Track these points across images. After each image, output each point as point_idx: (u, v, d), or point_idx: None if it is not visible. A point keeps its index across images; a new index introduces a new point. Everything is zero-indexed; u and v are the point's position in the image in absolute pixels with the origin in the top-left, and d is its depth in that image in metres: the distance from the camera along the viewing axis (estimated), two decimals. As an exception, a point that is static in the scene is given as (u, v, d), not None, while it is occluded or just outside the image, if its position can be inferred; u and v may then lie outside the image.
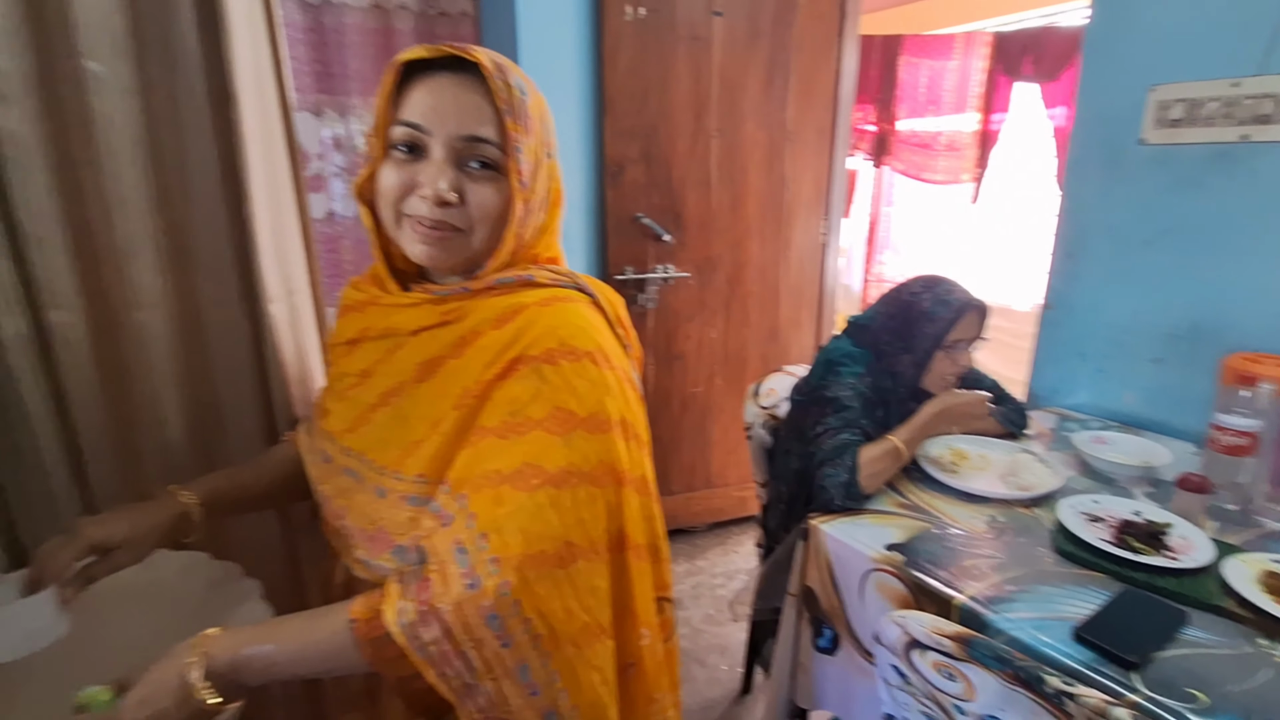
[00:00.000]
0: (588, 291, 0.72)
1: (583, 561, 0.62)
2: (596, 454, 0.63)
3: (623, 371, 0.69)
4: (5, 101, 0.81)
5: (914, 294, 1.33)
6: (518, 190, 0.67)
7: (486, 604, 0.58)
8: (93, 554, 0.71)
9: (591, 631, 0.63)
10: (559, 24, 1.94)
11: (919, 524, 1.17)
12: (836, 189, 2.36)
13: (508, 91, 0.65)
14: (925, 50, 3.56)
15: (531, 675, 0.60)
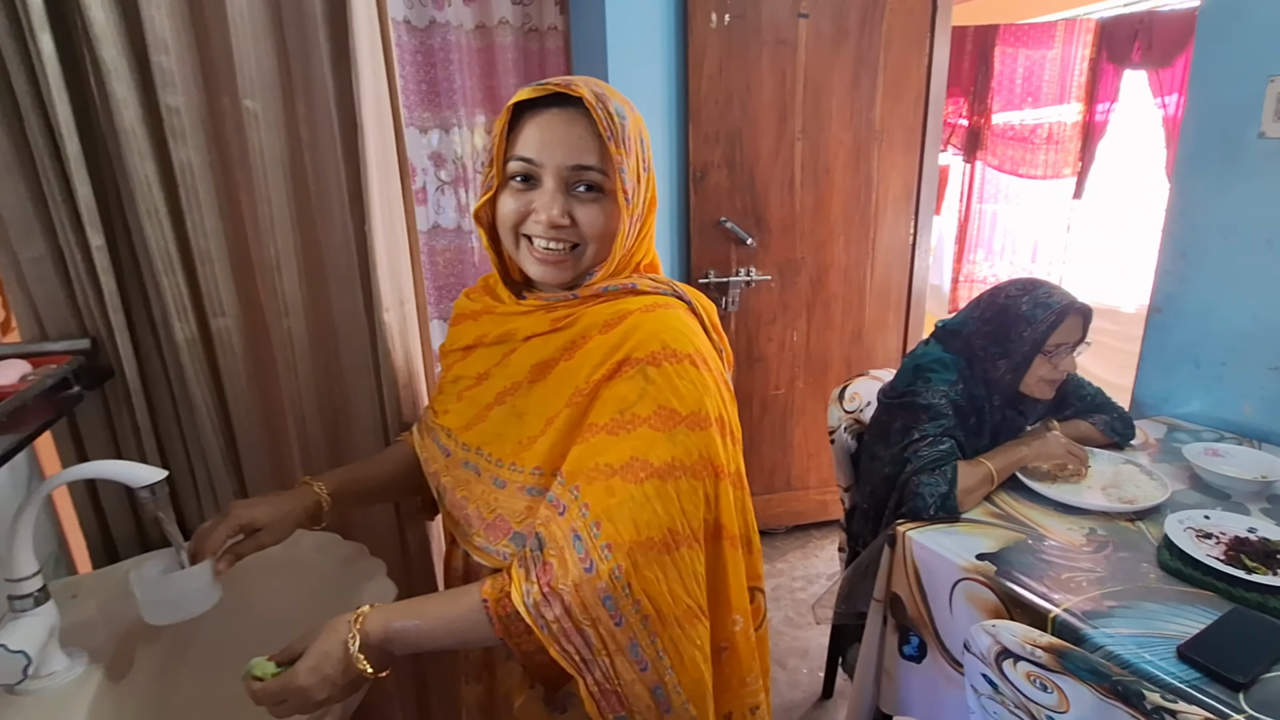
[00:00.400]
0: (684, 298, 0.78)
1: (685, 548, 0.67)
2: (697, 449, 0.69)
3: (718, 373, 0.74)
4: (180, 137, 0.94)
5: (1010, 297, 1.29)
6: (623, 207, 0.74)
7: (601, 585, 0.64)
8: (241, 533, 0.81)
9: (693, 613, 0.68)
10: (645, 34, 1.99)
11: (1012, 534, 1.15)
12: (926, 187, 2.31)
13: (610, 119, 0.71)
14: (1023, 39, 3.40)
15: (641, 652, 0.66)
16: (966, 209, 3.72)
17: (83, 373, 0.92)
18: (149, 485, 0.78)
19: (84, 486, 1.03)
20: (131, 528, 1.05)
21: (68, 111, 0.88)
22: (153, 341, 1.00)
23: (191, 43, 0.94)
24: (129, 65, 0.90)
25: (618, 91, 0.75)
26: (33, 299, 0.94)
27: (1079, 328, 1.28)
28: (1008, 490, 1.29)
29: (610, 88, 0.75)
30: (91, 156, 0.91)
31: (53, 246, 0.92)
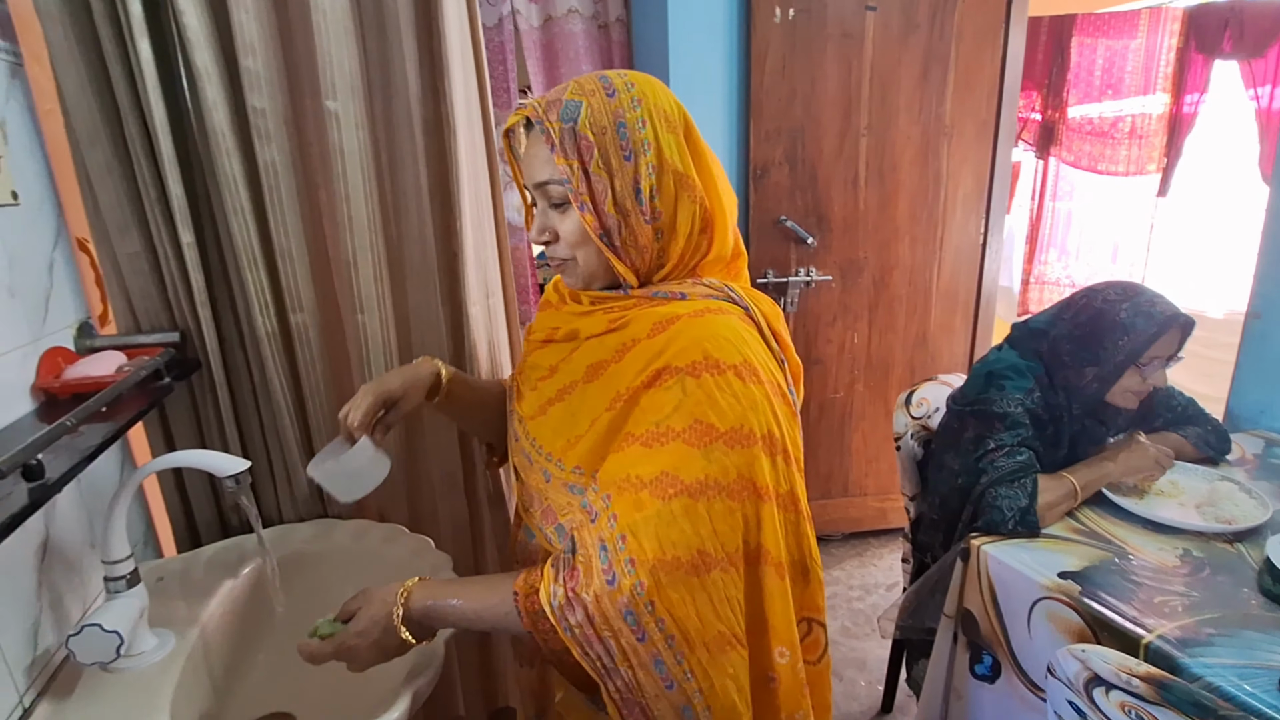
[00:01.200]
0: (740, 303, 0.74)
1: (717, 571, 0.64)
2: (736, 468, 0.65)
3: (772, 385, 0.69)
4: (265, 138, 0.97)
5: (1109, 301, 1.20)
6: (587, 211, 0.70)
7: (623, 600, 0.63)
8: (384, 407, 0.84)
9: (725, 639, 0.65)
10: (707, 30, 1.97)
11: (1097, 552, 1.08)
12: (998, 185, 2.21)
13: (554, 128, 0.69)
14: (1103, 29, 3.22)
15: (666, 670, 0.64)
16: (1039, 207, 3.55)
17: (173, 364, 0.96)
18: (234, 475, 0.81)
19: (171, 474, 1.08)
20: (213, 513, 1.09)
21: (163, 114, 0.91)
22: (236, 335, 1.04)
23: (277, 46, 0.97)
24: (219, 69, 0.94)
25: (599, 79, 0.72)
26: (128, 293, 0.98)
27: (1176, 341, 1.19)
28: (1092, 505, 1.22)
29: (590, 80, 0.72)
30: (183, 157, 0.95)
31: (147, 243, 0.97)
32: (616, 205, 0.70)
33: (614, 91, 0.70)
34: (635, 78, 0.72)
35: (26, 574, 0.79)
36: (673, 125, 0.71)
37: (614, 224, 0.71)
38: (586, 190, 0.70)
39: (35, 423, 0.81)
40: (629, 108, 0.70)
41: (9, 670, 0.74)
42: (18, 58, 0.88)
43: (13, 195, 0.83)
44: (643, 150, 0.69)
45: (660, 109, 0.71)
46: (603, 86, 0.71)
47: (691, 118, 0.74)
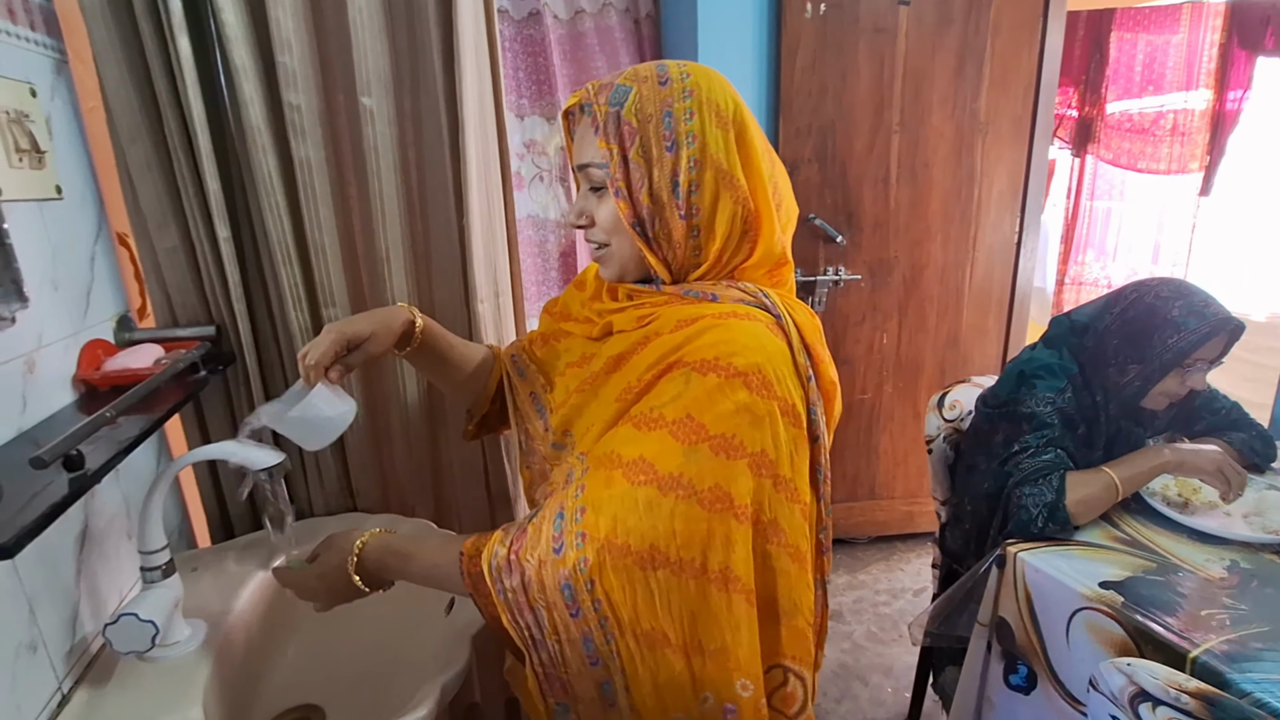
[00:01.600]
0: (773, 311, 0.70)
1: (665, 572, 0.62)
2: (714, 476, 0.62)
3: (784, 404, 0.65)
4: (300, 134, 0.97)
5: (1161, 298, 1.16)
6: (622, 198, 0.69)
7: (564, 572, 0.62)
8: (348, 348, 0.79)
9: (656, 639, 0.63)
10: (737, 25, 1.95)
11: (1139, 562, 1.05)
12: (1034, 183, 2.16)
13: (601, 110, 0.68)
14: (1143, 24, 3.13)
15: (594, 648, 0.63)
16: (1075, 206, 3.46)
17: (208, 358, 0.97)
18: (267, 468, 0.82)
19: (205, 465, 1.09)
20: (246, 505, 1.11)
21: (201, 110, 0.92)
22: (270, 329, 1.05)
23: (313, 42, 0.97)
24: (256, 65, 0.94)
25: (656, 67, 0.70)
26: (166, 287, 1.00)
27: (1223, 345, 1.15)
28: (1135, 514, 1.18)
29: (647, 67, 0.70)
30: (220, 153, 0.96)
31: (184, 238, 0.98)
32: (652, 196, 0.69)
33: (667, 80, 0.69)
34: (693, 69, 0.70)
35: (66, 562, 0.81)
36: (724, 121, 0.69)
37: (648, 214, 0.69)
38: (623, 177, 0.68)
39: (76, 413, 0.82)
40: (679, 98, 0.68)
41: (49, 657, 0.75)
42: (63, 55, 0.89)
43: (57, 190, 0.85)
44: (686, 143, 0.67)
45: (713, 103, 0.68)
46: (657, 74, 0.69)
47: (748, 116, 0.71)
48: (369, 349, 0.81)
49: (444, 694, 0.79)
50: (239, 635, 0.91)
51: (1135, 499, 1.22)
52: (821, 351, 0.72)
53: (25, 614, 0.72)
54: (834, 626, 2.00)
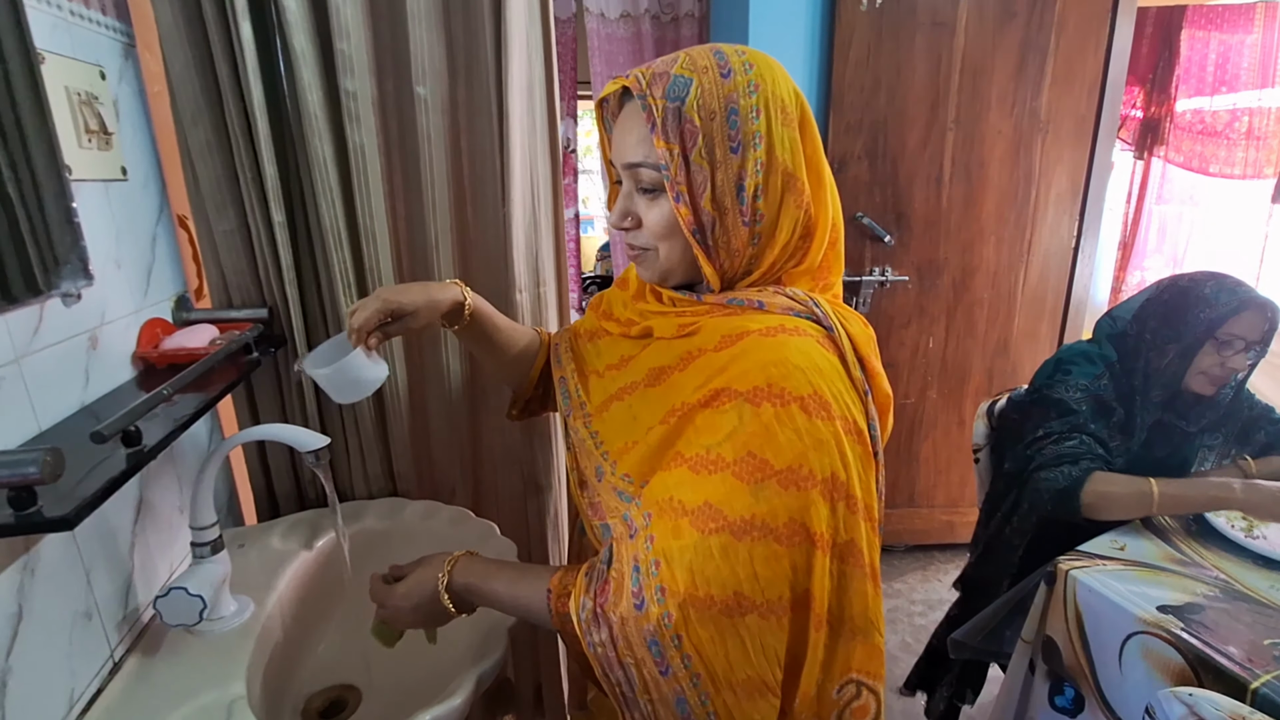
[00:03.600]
0: (824, 323, 0.65)
1: (754, 616, 0.59)
2: (788, 510, 0.59)
3: (846, 422, 0.61)
4: (355, 120, 0.98)
5: (1195, 280, 1.19)
6: (683, 203, 0.64)
7: (649, 628, 0.59)
8: (391, 316, 0.79)
9: (755, 686, 0.61)
10: (789, 19, 1.91)
11: (1200, 586, 1.00)
12: (1095, 185, 2.08)
13: (658, 105, 0.62)
14: (1215, 22, 2.98)
15: (689, 709, 0.60)
16: (1137, 210, 3.32)
17: (261, 339, 0.98)
18: (315, 450, 0.83)
19: (255, 445, 1.11)
20: (292, 485, 1.13)
21: (261, 95, 0.94)
22: (320, 314, 1.06)
23: (370, 30, 0.98)
24: (315, 51, 0.95)
25: (713, 54, 0.64)
26: (223, 269, 1.02)
27: (1260, 327, 1.14)
28: (1195, 535, 1.13)
29: (703, 54, 0.64)
30: (278, 138, 0.98)
31: (241, 221, 1.00)
32: (715, 201, 0.64)
33: (729, 72, 0.63)
34: (754, 58, 0.64)
35: (123, 535, 0.83)
36: (789, 118, 0.64)
37: (709, 220, 0.64)
38: (685, 180, 0.63)
39: (135, 390, 0.84)
40: (744, 93, 0.62)
41: (103, 625, 0.78)
42: (131, 39, 0.91)
43: (122, 171, 0.87)
44: (753, 144, 0.62)
45: (778, 98, 0.63)
46: (717, 64, 0.63)
47: (810, 115, 0.66)
48: (409, 323, 0.81)
49: (479, 684, 0.79)
50: (282, 613, 0.93)
51: (1198, 519, 1.17)
52: (876, 364, 0.67)
53: (83, 583, 0.75)
54: (867, 634, 1.96)
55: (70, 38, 0.78)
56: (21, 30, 0.66)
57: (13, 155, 0.65)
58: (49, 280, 0.69)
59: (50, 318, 0.72)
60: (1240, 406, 1.27)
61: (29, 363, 0.68)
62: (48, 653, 0.69)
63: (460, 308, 0.84)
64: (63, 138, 0.72)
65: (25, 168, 0.66)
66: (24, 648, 0.65)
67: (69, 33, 0.78)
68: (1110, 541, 1.12)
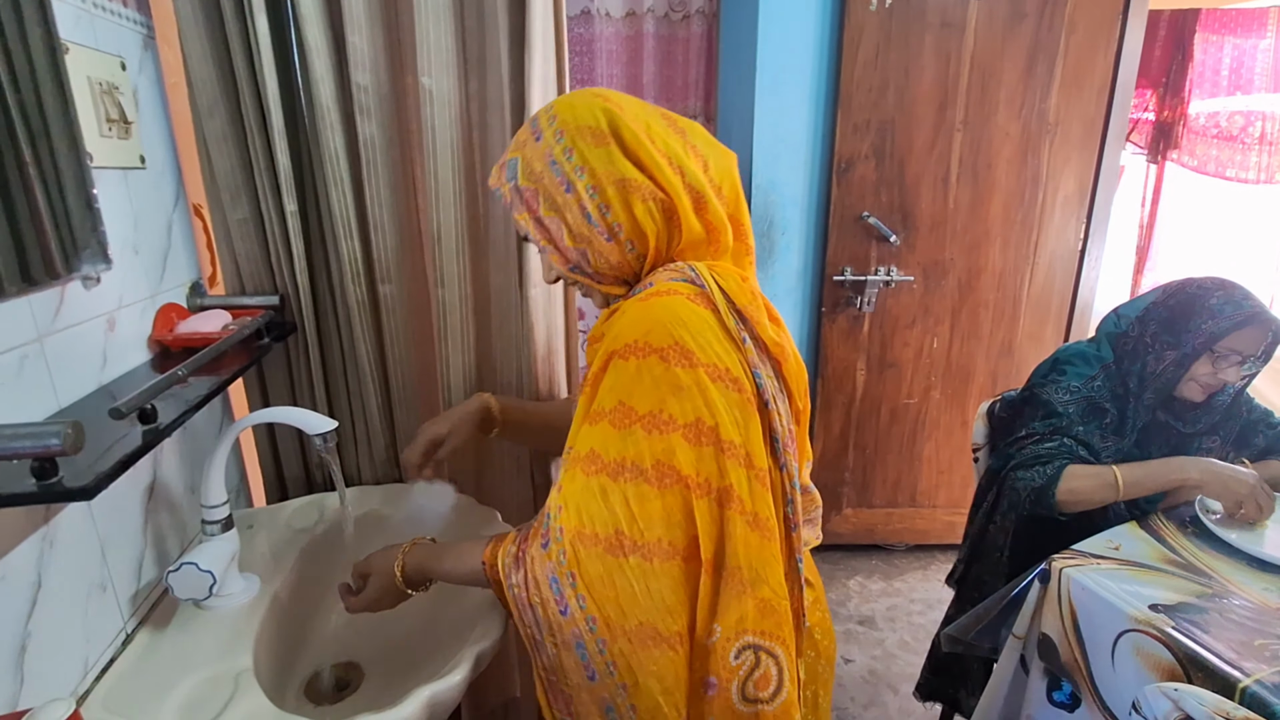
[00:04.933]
0: (698, 282, 0.69)
1: (636, 558, 0.64)
2: (652, 453, 0.64)
3: (713, 369, 0.65)
4: (366, 112, 1.00)
5: (1203, 288, 1.18)
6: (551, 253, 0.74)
7: (550, 565, 0.65)
8: (434, 445, 0.95)
9: (647, 633, 0.64)
10: (799, 16, 1.92)
11: (1192, 586, 1.01)
12: (1103, 189, 2.07)
13: (505, 190, 0.74)
14: (1229, 26, 2.97)
15: (588, 656, 0.64)
16: (1151, 215, 3.30)
17: (271, 326, 1.01)
18: (323, 433, 0.85)
19: (264, 429, 1.14)
20: (300, 469, 1.15)
21: (275, 87, 0.96)
22: (329, 302, 1.09)
23: (380, 22, 1.00)
24: (328, 44, 0.97)
25: (530, 125, 0.75)
26: (236, 256, 1.04)
27: (1260, 343, 1.14)
28: (1190, 535, 1.13)
29: (524, 130, 0.76)
30: (291, 129, 1.00)
31: (255, 210, 1.02)
32: (574, 237, 0.72)
33: (540, 134, 0.72)
34: (558, 107, 0.73)
35: (136, 511, 0.86)
36: (600, 137, 0.70)
37: (577, 255, 0.73)
38: (544, 235, 0.73)
39: (150, 371, 0.87)
40: (554, 142, 0.71)
41: (116, 597, 0.80)
42: (150, 31, 0.94)
43: (140, 160, 0.90)
44: (577, 176, 0.70)
45: (583, 127, 0.70)
46: (531, 133, 0.74)
47: (624, 115, 0.70)
48: (450, 443, 0.95)
49: (478, 662, 0.81)
50: (288, 592, 0.95)
51: (1193, 521, 1.17)
52: (756, 314, 0.70)
53: (98, 556, 0.78)
54: (866, 633, 1.98)
55: (93, 29, 0.81)
56: (47, 22, 0.69)
57: (37, 142, 0.67)
58: (70, 263, 0.72)
59: (71, 300, 0.74)
60: (1239, 410, 1.28)
61: (50, 342, 0.71)
62: (64, 622, 0.71)
63: (490, 414, 0.99)
64: (85, 126, 0.75)
65: (49, 154, 0.69)
66: (42, 616, 0.67)
67: (92, 24, 0.81)
68: (1105, 541, 1.13)
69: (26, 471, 0.58)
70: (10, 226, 0.64)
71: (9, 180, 0.64)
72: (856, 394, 2.19)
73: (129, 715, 0.71)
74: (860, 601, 2.11)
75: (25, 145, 0.65)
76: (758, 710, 0.66)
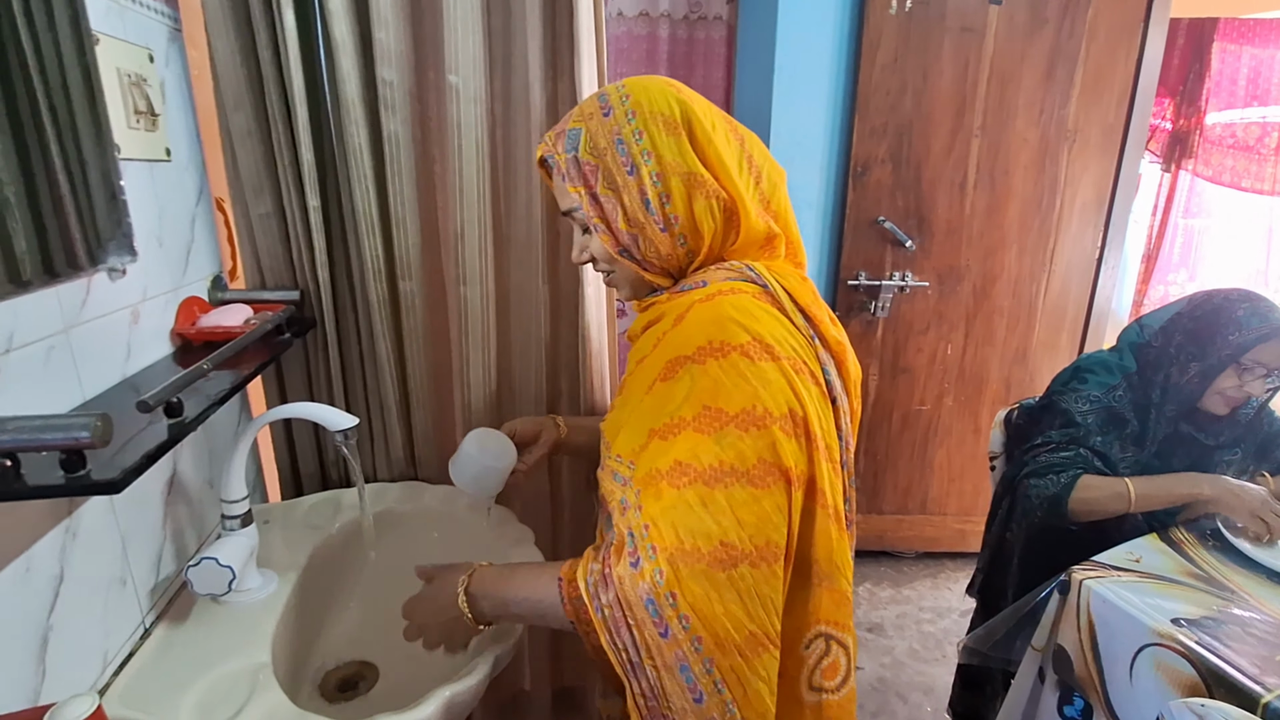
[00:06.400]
0: (759, 281, 0.70)
1: (745, 566, 0.60)
2: (755, 451, 0.61)
3: (794, 361, 0.64)
4: (390, 109, 1.00)
5: (1229, 300, 1.18)
6: (602, 232, 0.72)
7: (644, 586, 0.61)
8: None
9: (758, 640, 0.61)
10: (818, 21, 1.91)
11: (1214, 599, 1.00)
12: (1121, 196, 2.06)
13: (561, 160, 0.72)
14: (1248, 36, 2.95)
15: (694, 678, 0.61)
16: (1163, 224, 3.29)
17: (292, 321, 1.01)
18: (344, 430, 0.85)
19: (282, 425, 1.14)
20: (316, 465, 1.15)
21: (301, 83, 0.96)
22: (350, 298, 1.09)
23: (407, 18, 1.00)
24: (354, 40, 0.97)
25: (598, 99, 0.72)
26: (258, 251, 1.04)
27: None
28: (1212, 549, 1.12)
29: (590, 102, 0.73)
30: (316, 124, 1.00)
31: (277, 205, 1.02)
32: (629, 221, 0.70)
33: (610, 110, 0.71)
34: (631, 87, 0.72)
35: (156, 505, 0.86)
36: (672, 126, 0.69)
37: (629, 239, 0.71)
38: (598, 213, 0.71)
39: (172, 365, 0.87)
40: (624, 122, 0.70)
41: (135, 591, 0.80)
42: (177, 24, 0.94)
43: (166, 152, 0.89)
44: (643, 161, 0.69)
45: (656, 113, 0.69)
46: (600, 107, 0.72)
47: (696, 110, 0.70)
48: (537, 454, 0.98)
49: (496, 664, 0.80)
50: (305, 588, 0.95)
51: (1214, 534, 1.16)
52: (819, 312, 0.71)
53: (119, 550, 0.77)
54: (875, 640, 1.96)
55: (122, 20, 0.81)
56: (78, 12, 0.69)
57: (65, 133, 0.67)
58: (96, 255, 0.72)
59: (96, 291, 0.74)
60: (1262, 423, 1.27)
61: (76, 333, 0.71)
62: (85, 615, 0.71)
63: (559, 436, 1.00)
64: (113, 117, 0.75)
65: (77, 146, 0.69)
66: (64, 608, 0.67)
67: (121, 16, 0.80)
68: (1126, 553, 1.12)
69: (55, 464, 0.58)
70: (39, 218, 0.64)
71: (39, 172, 0.64)
72: (868, 399, 2.18)
73: (148, 711, 0.70)
74: (869, 608, 2.09)
75: (54, 137, 0.65)
76: (821, 700, 0.67)
